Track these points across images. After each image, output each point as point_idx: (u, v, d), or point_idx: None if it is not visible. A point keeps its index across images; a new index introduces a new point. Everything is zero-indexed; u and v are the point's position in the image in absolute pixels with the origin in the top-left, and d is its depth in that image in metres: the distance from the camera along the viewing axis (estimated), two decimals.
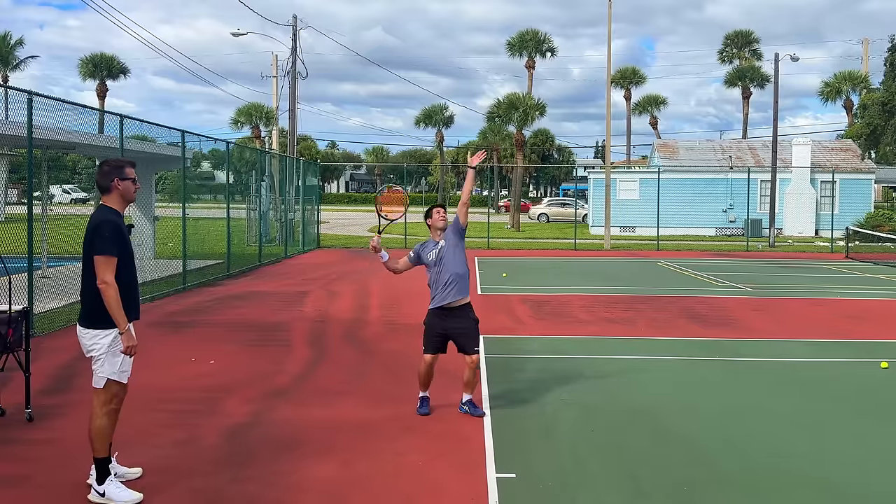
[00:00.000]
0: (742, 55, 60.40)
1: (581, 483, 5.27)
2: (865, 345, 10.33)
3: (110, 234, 4.73)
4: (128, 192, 4.93)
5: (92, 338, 4.79)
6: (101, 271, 4.68)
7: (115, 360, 4.80)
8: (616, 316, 12.53)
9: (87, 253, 4.78)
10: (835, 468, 5.63)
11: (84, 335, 4.83)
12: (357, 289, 15.76)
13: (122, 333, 4.76)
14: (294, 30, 30.92)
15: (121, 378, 4.86)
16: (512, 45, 48.71)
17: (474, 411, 6.72)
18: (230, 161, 19.32)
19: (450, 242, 6.74)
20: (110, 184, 4.88)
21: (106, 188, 4.89)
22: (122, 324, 4.75)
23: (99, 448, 4.82)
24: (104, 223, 4.76)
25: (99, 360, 4.80)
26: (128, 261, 4.87)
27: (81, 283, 4.85)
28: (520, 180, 44.90)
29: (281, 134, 36.52)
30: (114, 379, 4.83)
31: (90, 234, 4.75)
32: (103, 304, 4.71)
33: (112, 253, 4.72)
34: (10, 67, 54.41)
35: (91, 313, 4.79)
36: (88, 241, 4.76)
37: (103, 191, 4.91)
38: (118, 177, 4.88)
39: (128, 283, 4.86)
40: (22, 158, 24.64)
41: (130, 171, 4.94)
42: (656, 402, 7.32)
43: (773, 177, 32.27)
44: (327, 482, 5.20)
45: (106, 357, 4.79)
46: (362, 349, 9.64)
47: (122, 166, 4.92)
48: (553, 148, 77.65)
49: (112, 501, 4.76)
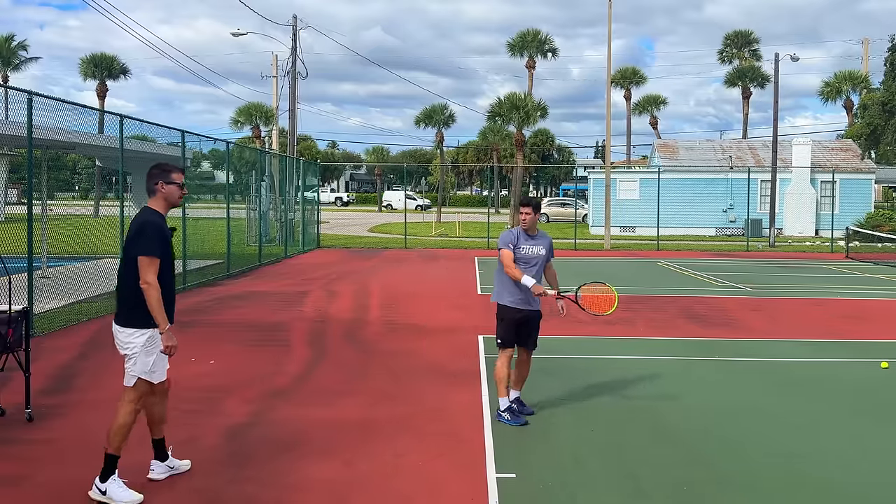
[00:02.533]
0: (742, 55, 60.41)
1: (581, 483, 5.27)
2: (865, 345, 10.33)
3: (155, 235, 4.81)
4: (172, 196, 5.02)
5: (128, 336, 4.85)
6: (144, 271, 4.75)
7: (147, 359, 4.85)
8: (615, 316, 12.50)
9: (128, 253, 4.85)
10: (834, 468, 5.63)
11: (120, 333, 4.89)
12: (357, 289, 15.76)
13: (163, 333, 4.82)
14: (294, 30, 30.93)
15: (150, 378, 4.91)
16: (513, 46, 48.80)
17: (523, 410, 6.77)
18: (230, 161, 19.32)
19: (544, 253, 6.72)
20: (155, 186, 4.98)
21: (151, 191, 5.00)
22: (163, 324, 4.81)
23: (114, 445, 4.83)
24: (148, 224, 4.84)
25: (132, 358, 4.85)
26: (169, 263, 4.95)
27: (118, 282, 4.93)
28: (520, 180, 44.90)
29: (281, 134, 36.52)
30: (143, 378, 4.88)
31: (134, 235, 4.82)
32: (141, 303, 4.77)
33: (156, 254, 4.79)
34: (11, 67, 54.41)
35: (128, 312, 4.85)
36: (132, 241, 4.83)
37: (149, 193, 5.02)
38: (163, 181, 4.98)
39: (168, 285, 4.93)
40: (22, 158, 24.65)
41: (177, 177, 5.04)
42: (656, 402, 7.32)
43: (774, 177, 32.27)
44: (327, 482, 5.20)
45: (139, 356, 4.84)
46: (362, 349, 9.64)
47: (170, 171, 5.03)
48: (553, 148, 77.64)
49: (112, 501, 4.76)
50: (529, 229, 6.67)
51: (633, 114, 65.22)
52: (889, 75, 32.87)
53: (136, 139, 16.57)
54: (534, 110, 41.44)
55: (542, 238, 6.76)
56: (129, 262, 4.83)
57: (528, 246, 6.63)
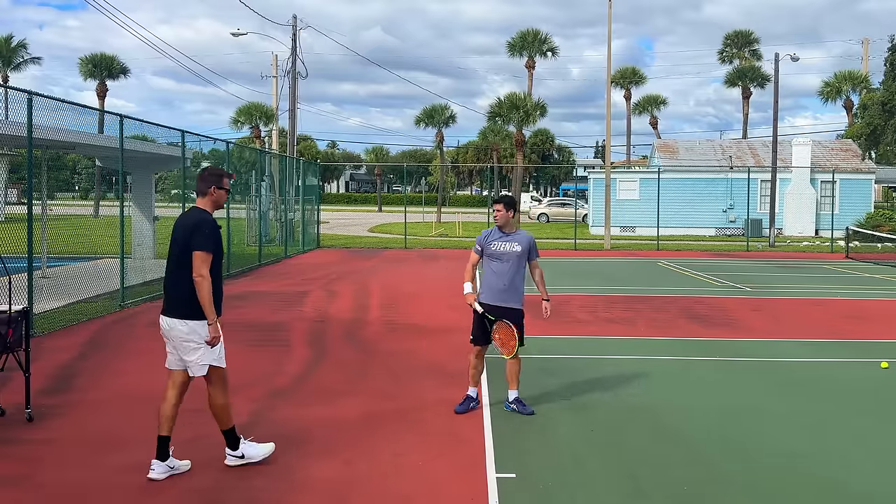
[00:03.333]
0: (742, 55, 60.38)
1: (581, 483, 5.27)
2: (865, 345, 10.33)
3: (210, 231, 5.12)
4: (221, 199, 5.37)
5: (191, 329, 5.09)
6: (199, 265, 5.03)
7: (214, 348, 5.15)
8: (615, 316, 12.53)
9: (183, 249, 5.10)
10: (834, 468, 5.63)
11: (181, 326, 5.10)
12: (357, 289, 15.76)
13: (211, 324, 5.09)
14: (294, 30, 30.93)
15: (220, 363, 5.22)
16: (513, 46, 48.75)
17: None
18: (230, 161, 19.31)
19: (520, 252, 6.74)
20: (208, 189, 5.29)
21: (203, 192, 5.30)
22: (211, 315, 5.08)
23: (226, 421, 5.29)
24: (205, 221, 5.15)
25: (198, 350, 5.12)
26: (219, 260, 5.24)
27: (172, 279, 5.18)
28: (520, 180, 44.90)
29: (281, 134, 36.52)
30: (216, 365, 5.19)
31: (190, 231, 5.10)
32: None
33: (210, 249, 5.09)
34: (11, 67, 54.39)
35: (191, 306, 5.09)
36: (187, 237, 5.10)
37: (200, 194, 5.31)
38: (216, 185, 5.31)
39: (217, 279, 5.20)
40: (22, 158, 24.64)
41: (227, 183, 5.39)
42: (656, 401, 7.32)
43: (773, 177, 32.27)
44: (327, 482, 5.20)
45: (203, 346, 5.12)
46: (362, 349, 9.64)
47: (223, 176, 5.37)
48: (553, 148, 77.62)
49: (252, 459, 5.32)
50: (504, 227, 6.73)
51: (633, 114, 65.20)
52: (889, 75, 32.86)
53: (136, 139, 16.57)
54: (534, 110, 41.42)
55: (519, 236, 6.77)
56: (183, 258, 5.09)
57: (501, 243, 6.70)
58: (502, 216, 6.69)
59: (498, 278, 6.68)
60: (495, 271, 6.70)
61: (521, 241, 6.73)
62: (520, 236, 6.77)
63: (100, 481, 5.15)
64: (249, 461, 5.37)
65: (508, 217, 6.71)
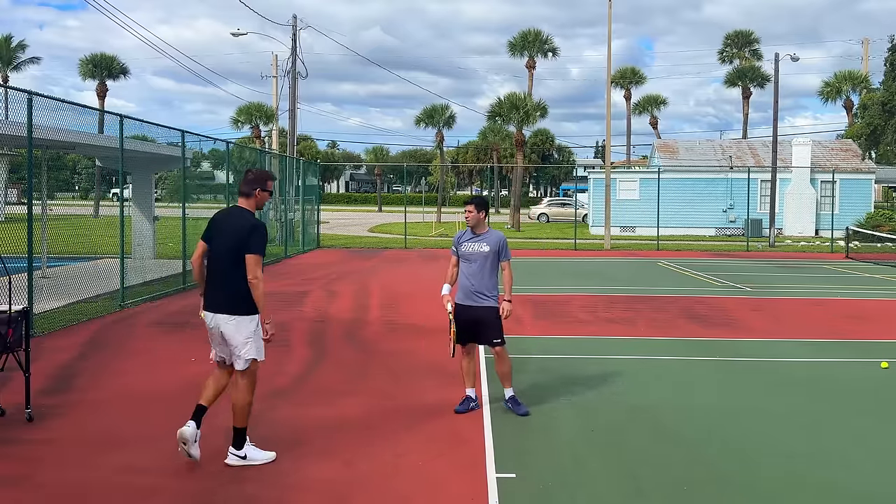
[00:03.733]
0: (742, 55, 60.38)
1: (581, 483, 5.27)
2: (865, 345, 10.33)
3: (264, 236, 5.42)
4: (263, 201, 5.61)
5: (241, 324, 5.34)
6: (254, 268, 5.29)
7: (258, 343, 5.41)
8: (616, 316, 12.53)
9: (236, 250, 5.32)
10: (835, 468, 5.63)
11: (232, 322, 5.33)
12: (357, 289, 15.76)
13: (268, 322, 5.39)
14: (294, 30, 30.93)
15: (261, 356, 5.47)
16: (513, 46, 48.72)
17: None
18: (230, 161, 19.31)
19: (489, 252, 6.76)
20: (253, 191, 5.52)
21: (248, 194, 5.52)
22: (267, 314, 5.39)
23: (244, 419, 5.44)
24: (261, 226, 5.43)
25: (247, 343, 5.35)
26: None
27: (222, 278, 5.39)
28: (520, 180, 44.89)
29: (281, 134, 36.53)
30: (259, 359, 5.44)
31: (246, 234, 5.33)
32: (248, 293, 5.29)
33: (263, 253, 5.39)
34: (10, 67, 54.39)
35: (242, 303, 5.33)
36: (242, 239, 5.32)
37: (244, 195, 5.54)
38: (261, 188, 5.54)
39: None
40: (22, 158, 24.64)
41: (271, 185, 5.64)
42: (656, 401, 7.32)
43: (773, 177, 32.27)
44: (327, 482, 5.20)
45: (253, 340, 5.37)
46: (362, 349, 9.64)
47: (267, 179, 5.60)
48: (553, 148, 77.63)
49: (254, 461, 5.43)
50: (474, 227, 6.79)
51: (633, 114, 65.19)
52: (889, 75, 32.87)
53: (137, 139, 16.57)
54: (534, 110, 41.39)
55: (489, 237, 6.79)
56: (240, 259, 5.30)
57: (470, 244, 6.77)
58: (473, 217, 6.75)
59: (468, 279, 6.75)
60: (465, 272, 6.78)
61: (490, 241, 6.75)
62: (489, 236, 6.80)
63: (99, 481, 5.15)
64: (250, 463, 5.43)
65: (479, 218, 6.76)
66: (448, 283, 6.94)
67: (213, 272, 5.48)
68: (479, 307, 6.71)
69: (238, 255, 5.31)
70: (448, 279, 6.96)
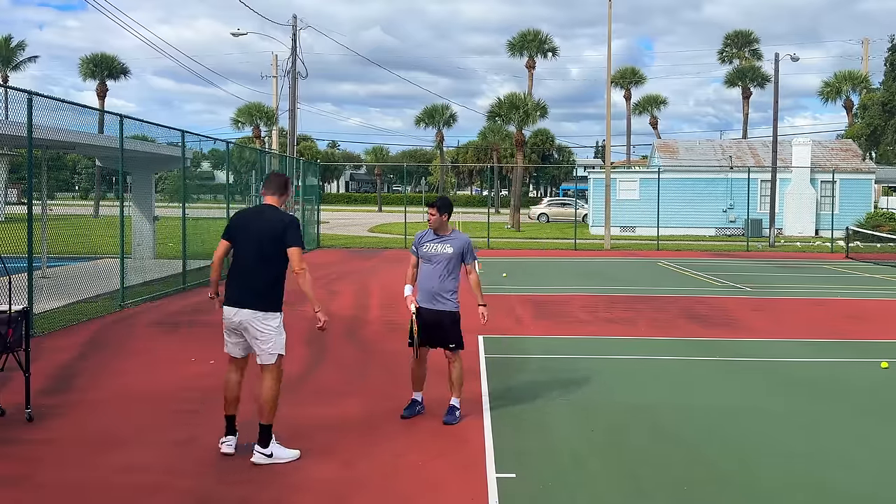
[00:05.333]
0: (742, 55, 60.38)
1: (581, 483, 5.27)
2: (865, 345, 10.33)
3: (300, 230, 5.69)
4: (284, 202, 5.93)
5: (268, 320, 5.49)
6: (299, 260, 5.56)
7: (282, 337, 5.58)
8: (616, 316, 12.53)
9: (270, 245, 5.51)
10: (835, 468, 5.63)
11: (260, 318, 5.47)
12: (357, 289, 15.76)
13: (319, 311, 5.62)
14: (294, 30, 30.95)
15: (284, 351, 5.61)
16: (513, 46, 48.73)
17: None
18: (230, 161, 19.31)
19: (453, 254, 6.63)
20: (285, 192, 5.84)
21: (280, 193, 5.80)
22: (317, 302, 5.64)
23: (271, 414, 5.53)
24: (295, 220, 5.70)
25: (271, 339, 5.49)
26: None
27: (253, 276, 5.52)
28: (520, 180, 44.88)
29: (281, 134, 36.55)
30: (283, 354, 5.59)
31: (283, 229, 5.53)
32: (278, 290, 5.56)
33: (303, 245, 5.66)
34: (10, 67, 54.38)
35: (270, 299, 5.52)
36: (277, 235, 5.51)
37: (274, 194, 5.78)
38: (287, 190, 5.88)
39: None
40: (22, 158, 24.64)
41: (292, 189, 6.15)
42: (656, 401, 7.32)
43: (774, 177, 32.27)
44: (327, 482, 5.20)
45: (275, 336, 5.51)
46: (362, 349, 9.64)
47: (289, 182, 5.98)
48: (553, 148, 77.61)
49: (280, 459, 5.49)
50: (438, 229, 6.67)
51: (633, 114, 65.19)
52: (889, 75, 32.87)
53: (137, 139, 16.56)
54: (534, 110, 41.37)
55: (454, 239, 6.63)
56: (272, 255, 5.51)
57: (433, 244, 6.65)
58: (435, 219, 6.62)
59: (429, 280, 6.62)
60: (426, 273, 6.65)
61: (454, 243, 6.60)
62: (454, 238, 6.64)
63: (99, 481, 5.15)
64: (277, 461, 5.47)
65: (442, 220, 6.62)
66: (409, 284, 6.87)
67: (240, 269, 5.58)
68: (440, 311, 6.60)
69: (270, 251, 5.49)
70: (408, 279, 6.88)
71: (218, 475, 5.29)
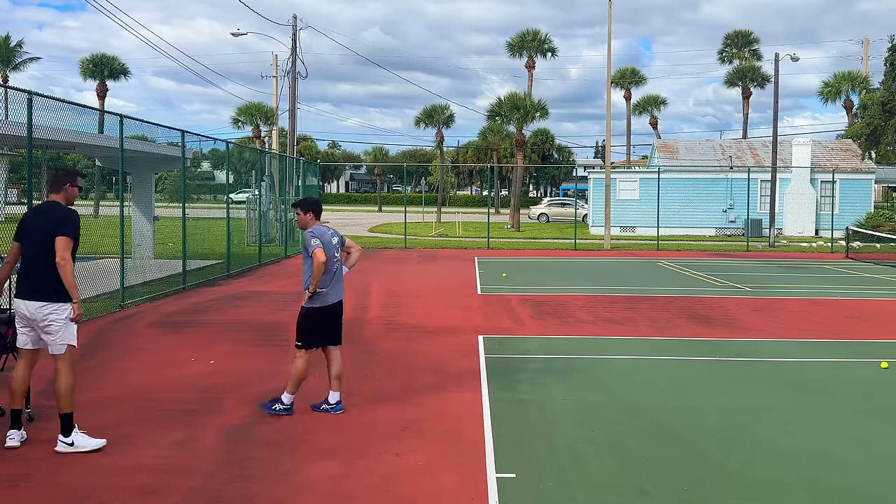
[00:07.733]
0: (742, 55, 60.38)
1: (581, 483, 5.27)
2: (865, 345, 10.33)
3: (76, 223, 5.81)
4: (73, 196, 6.01)
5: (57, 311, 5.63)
6: (62, 249, 5.66)
7: (72, 328, 5.71)
8: (616, 316, 12.53)
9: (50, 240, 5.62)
10: (835, 468, 5.63)
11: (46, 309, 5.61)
12: (357, 289, 15.75)
13: (76, 303, 5.69)
14: (294, 30, 30.93)
15: (75, 342, 5.76)
16: (512, 46, 48.75)
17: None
18: (230, 161, 19.31)
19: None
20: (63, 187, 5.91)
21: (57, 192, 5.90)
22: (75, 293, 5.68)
23: (69, 404, 5.66)
24: (72, 213, 5.82)
25: (60, 330, 5.66)
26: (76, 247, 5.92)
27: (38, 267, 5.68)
28: (520, 180, 44.87)
29: (281, 134, 36.54)
30: (73, 344, 5.73)
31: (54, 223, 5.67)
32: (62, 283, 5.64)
33: (73, 236, 5.74)
34: (10, 67, 54.36)
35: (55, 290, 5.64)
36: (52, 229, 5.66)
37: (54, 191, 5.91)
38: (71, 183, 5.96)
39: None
40: (22, 158, 24.64)
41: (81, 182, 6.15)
42: (656, 401, 7.32)
43: (773, 177, 32.27)
44: (327, 482, 5.20)
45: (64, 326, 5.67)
46: (362, 349, 9.64)
47: (76, 175, 6.08)
48: (553, 148, 77.58)
49: (82, 448, 5.60)
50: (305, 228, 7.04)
51: (633, 114, 65.17)
52: (889, 75, 32.88)
53: (137, 139, 16.56)
54: (534, 110, 41.36)
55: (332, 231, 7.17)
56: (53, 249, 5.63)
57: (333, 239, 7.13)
58: (300, 219, 7.03)
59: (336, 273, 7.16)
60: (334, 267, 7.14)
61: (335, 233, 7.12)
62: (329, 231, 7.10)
63: (100, 481, 5.15)
64: (79, 450, 5.59)
65: (306, 220, 6.99)
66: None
67: (27, 264, 5.75)
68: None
69: (51, 246, 5.60)
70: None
71: (217, 475, 5.28)
